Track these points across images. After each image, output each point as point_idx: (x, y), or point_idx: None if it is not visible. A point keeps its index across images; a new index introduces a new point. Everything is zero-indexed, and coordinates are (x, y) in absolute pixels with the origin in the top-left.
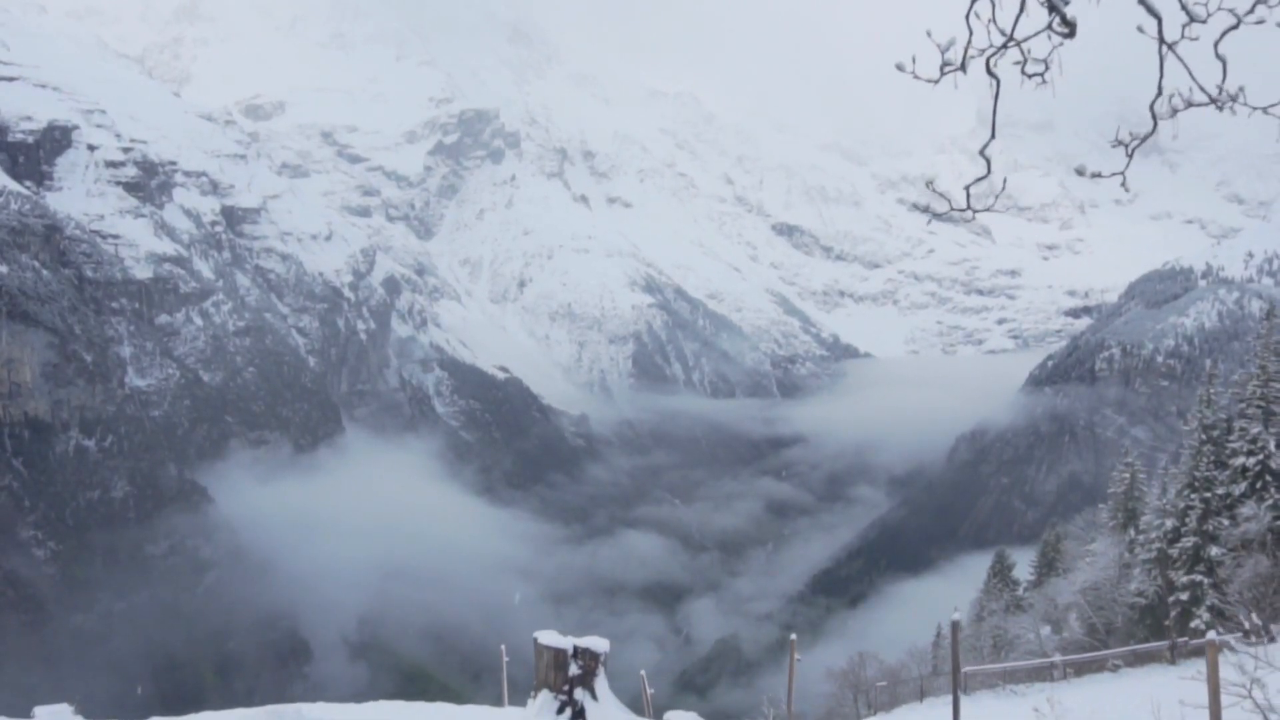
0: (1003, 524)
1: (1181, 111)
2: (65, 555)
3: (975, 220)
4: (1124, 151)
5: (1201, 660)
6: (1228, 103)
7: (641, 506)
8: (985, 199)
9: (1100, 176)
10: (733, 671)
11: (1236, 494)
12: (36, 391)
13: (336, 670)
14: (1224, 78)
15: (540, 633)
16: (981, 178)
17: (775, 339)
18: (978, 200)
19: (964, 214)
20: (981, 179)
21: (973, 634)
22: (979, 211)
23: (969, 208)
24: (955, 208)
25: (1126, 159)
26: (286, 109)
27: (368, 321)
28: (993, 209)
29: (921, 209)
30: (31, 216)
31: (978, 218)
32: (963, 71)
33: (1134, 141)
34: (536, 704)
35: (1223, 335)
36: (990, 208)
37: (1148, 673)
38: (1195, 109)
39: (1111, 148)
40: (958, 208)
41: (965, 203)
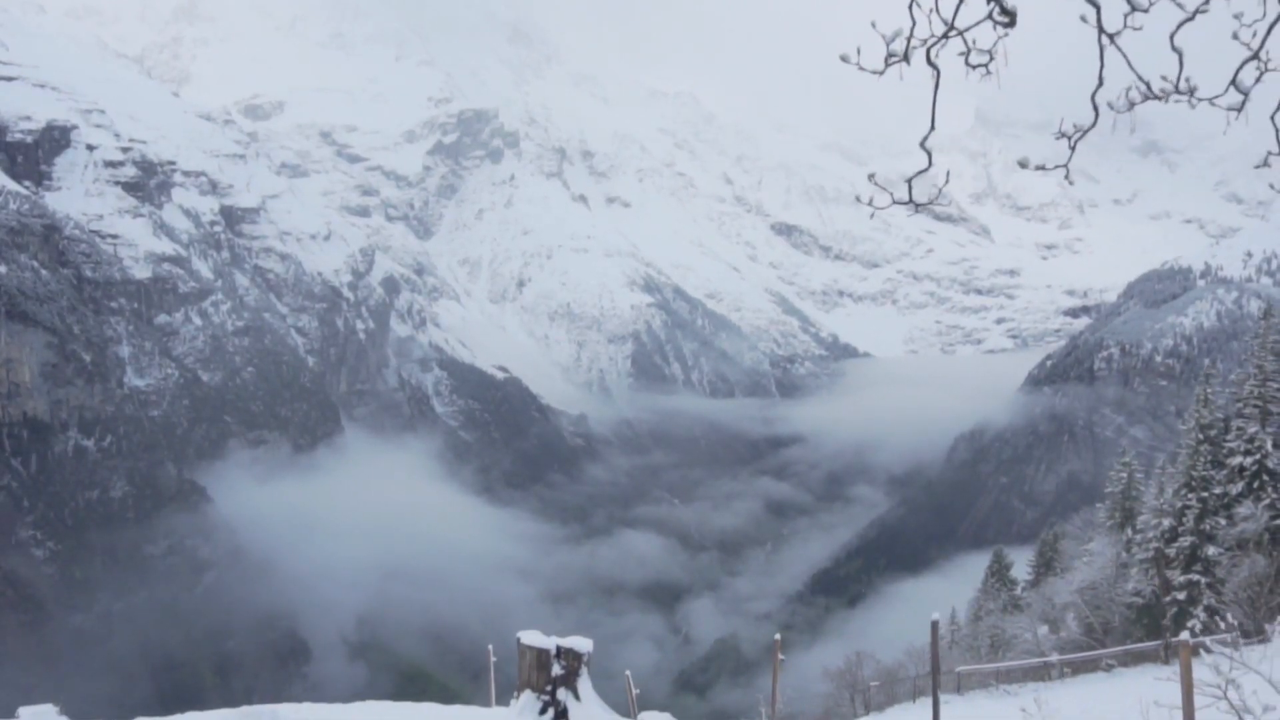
0: (1002, 523)
1: (1139, 104)
2: (64, 555)
3: (973, 221)
4: (1066, 144)
5: (1194, 660)
6: (1186, 96)
7: (640, 506)
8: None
9: (1044, 169)
10: (731, 671)
11: (1234, 493)
12: (35, 391)
13: (335, 670)
14: (1180, 70)
15: (523, 633)
16: (922, 170)
17: (774, 339)
18: (921, 194)
19: (906, 207)
20: (922, 171)
21: (970, 633)
22: (921, 206)
23: (911, 201)
24: (897, 200)
25: (1069, 151)
26: (285, 109)
27: (367, 321)
28: (935, 203)
29: (865, 203)
30: (30, 216)
31: (977, 217)
32: (906, 63)
33: (1076, 134)
34: (519, 704)
35: (1221, 335)
36: (933, 201)
37: (1140, 672)
38: (1198, 110)
39: (1056, 140)
40: (899, 200)
41: (908, 196)
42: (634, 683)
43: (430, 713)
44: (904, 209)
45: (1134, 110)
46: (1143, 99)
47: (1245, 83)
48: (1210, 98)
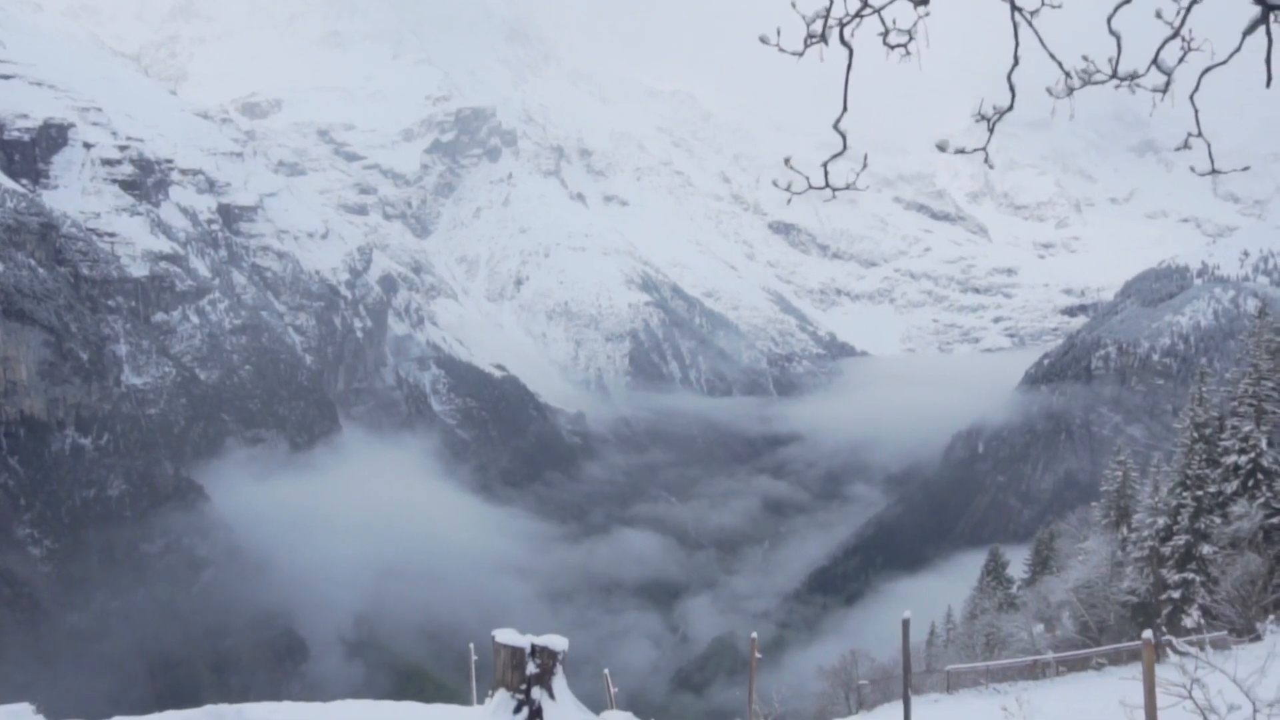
0: (999, 522)
1: (1079, 90)
2: (61, 553)
3: (970, 219)
4: (985, 126)
5: (1186, 658)
6: (1126, 80)
7: (638, 504)
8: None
9: (963, 152)
10: (729, 670)
11: (1228, 492)
12: (32, 390)
13: (333, 668)
14: (1118, 54)
15: (498, 631)
16: (838, 154)
17: (772, 337)
18: (838, 178)
19: (823, 191)
20: (838, 155)
21: (965, 632)
22: (839, 190)
23: (828, 185)
24: (814, 186)
25: (988, 134)
26: (283, 107)
27: (364, 320)
28: (854, 187)
29: (782, 188)
30: (27, 214)
31: (974, 216)
32: (824, 43)
33: (995, 116)
34: (493, 703)
35: (1218, 334)
36: (852, 185)
37: (1131, 671)
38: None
39: (975, 122)
40: (816, 186)
41: (824, 181)
42: (631, 681)
43: (408, 712)
44: (909, 211)
45: (1073, 95)
46: (1082, 84)
47: (1168, 63)
48: (1132, 78)
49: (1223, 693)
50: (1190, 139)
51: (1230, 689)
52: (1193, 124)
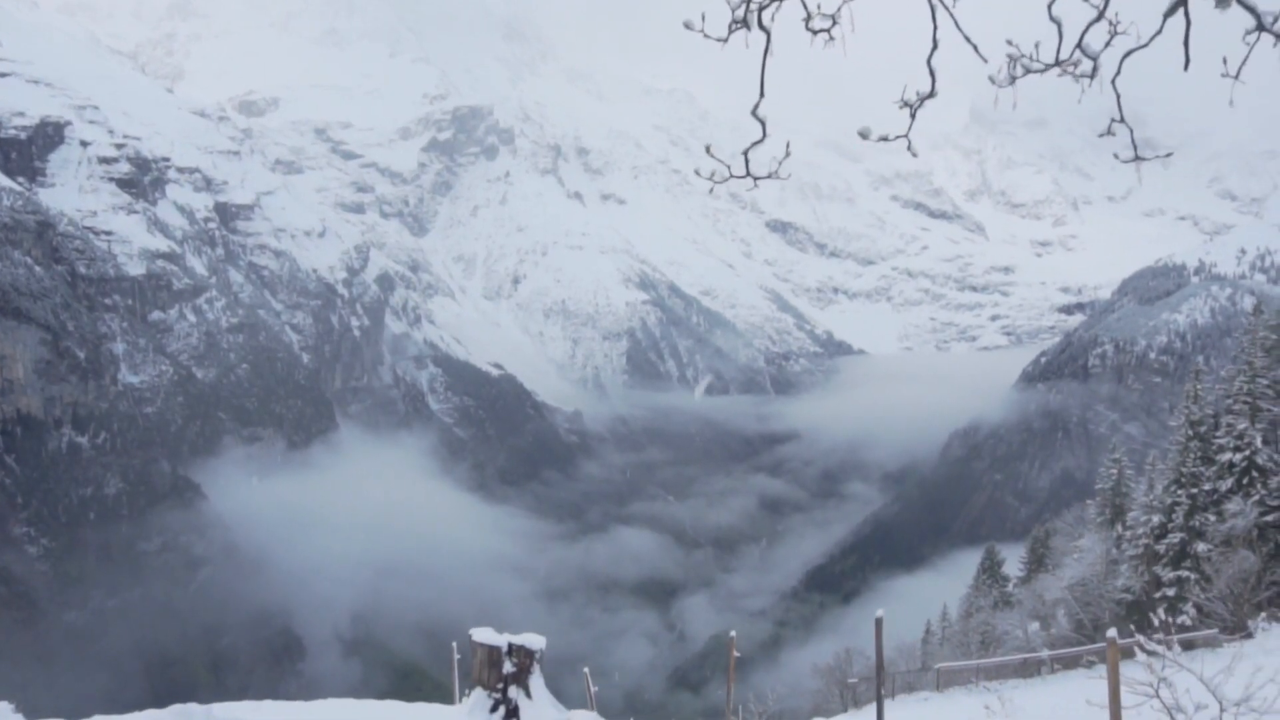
0: (996, 520)
1: (1020, 79)
2: (58, 552)
3: (967, 218)
4: (908, 113)
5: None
6: (1070, 70)
7: (635, 503)
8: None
9: (886, 139)
10: (726, 668)
11: (1223, 490)
12: (29, 388)
13: (330, 667)
14: (1059, 42)
15: (475, 630)
16: (757, 141)
17: (769, 336)
18: (759, 167)
19: (744, 180)
20: (758, 143)
21: (961, 630)
22: (759, 179)
23: (749, 174)
24: (735, 175)
25: (910, 120)
26: (280, 105)
27: (361, 318)
28: (775, 176)
29: (706, 177)
30: (24, 213)
31: (971, 214)
32: (747, 28)
33: (917, 101)
34: (469, 702)
35: (1215, 332)
36: (774, 174)
37: (1121, 669)
38: (1192, 108)
39: (899, 109)
40: (737, 175)
41: (745, 169)
42: (629, 680)
43: (387, 711)
44: (906, 209)
45: (1015, 84)
46: (1025, 72)
47: (1093, 47)
48: (1076, 67)
49: (1190, 691)
50: (1114, 124)
51: (1198, 688)
52: (1188, 118)
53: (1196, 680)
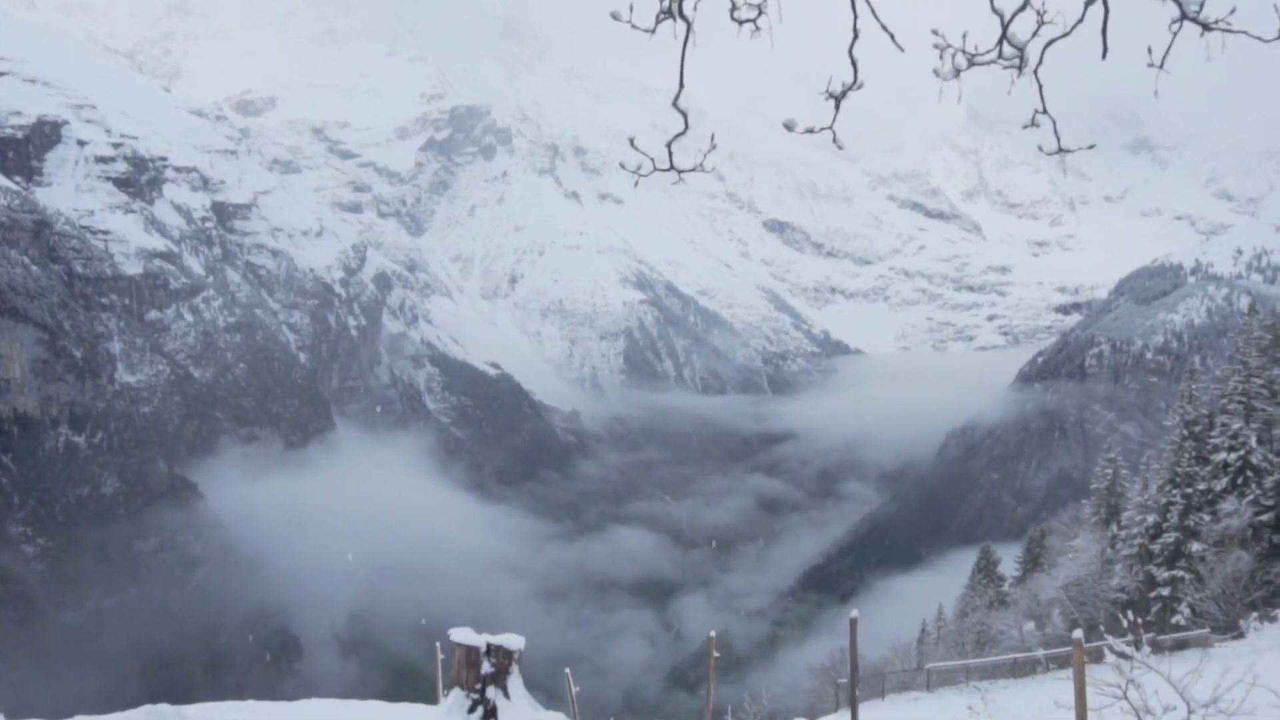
0: (993, 520)
1: (965, 71)
2: (55, 552)
3: (964, 218)
4: (833, 105)
5: (1167, 655)
6: (1014, 64)
7: (633, 503)
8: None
9: (811, 132)
10: (723, 668)
11: (1218, 489)
12: (26, 387)
13: (327, 667)
14: (1003, 33)
15: (454, 630)
16: (680, 133)
17: (766, 335)
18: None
19: (669, 173)
20: (680, 134)
21: (956, 630)
22: (684, 172)
23: (672, 168)
24: (659, 168)
25: (834, 112)
26: (277, 104)
27: (359, 318)
28: (701, 169)
29: (631, 170)
30: (21, 212)
31: (968, 214)
32: (673, 19)
33: (842, 91)
34: (447, 702)
35: (1212, 332)
36: (699, 167)
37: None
38: (1189, 108)
39: (825, 100)
40: (661, 168)
41: (669, 162)
42: (626, 679)
43: (369, 711)
44: (903, 209)
45: (960, 77)
46: (969, 64)
47: (1020, 37)
48: (1020, 59)
49: (1159, 693)
50: (1037, 116)
51: (1166, 689)
52: (1187, 117)
53: (1165, 681)
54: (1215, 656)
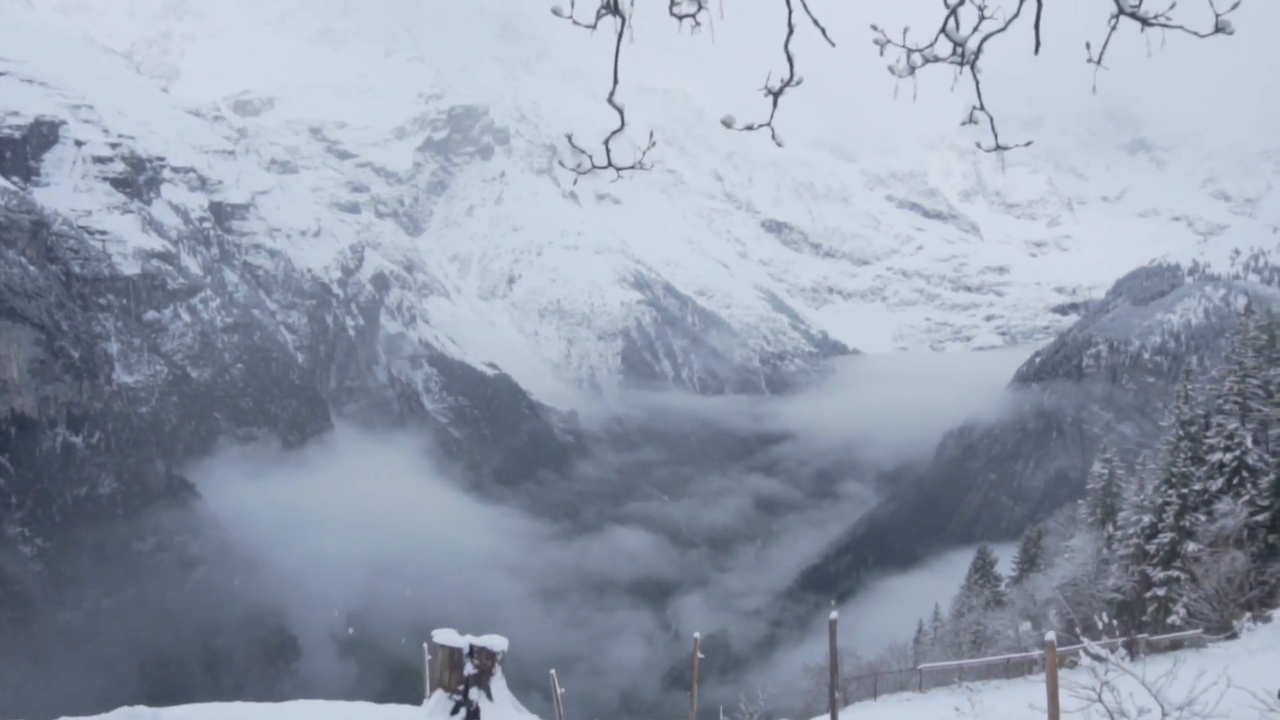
0: (990, 520)
1: (920, 68)
2: (52, 552)
3: (962, 218)
4: (771, 101)
5: (1163, 655)
6: (969, 60)
7: (630, 503)
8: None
9: (751, 129)
10: (721, 668)
11: (1213, 490)
12: (23, 388)
13: (325, 667)
14: (957, 27)
15: (437, 631)
16: (617, 130)
17: (764, 335)
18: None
19: (606, 171)
20: (617, 131)
21: (952, 630)
22: (622, 170)
23: (610, 165)
24: (597, 166)
25: (772, 108)
26: (275, 105)
27: (356, 318)
28: (641, 166)
29: (570, 169)
30: (18, 212)
31: (966, 214)
32: (614, 14)
33: (781, 87)
34: (430, 704)
35: (1209, 332)
36: (639, 164)
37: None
38: (1186, 108)
39: (764, 96)
40: (600, 165)
41: (606, 160)
42: (624, 679)
43: (362, 712)
44: (901, 210)
45: (915, 74)
46: (924, 61)
47: (959, 31)
48: (976, 56)
49: (1133, 696)
50: (975, 112)
51: (1141, 692)
52: (1185, 118)
53: (1140, 684)
54: (1207, 657)
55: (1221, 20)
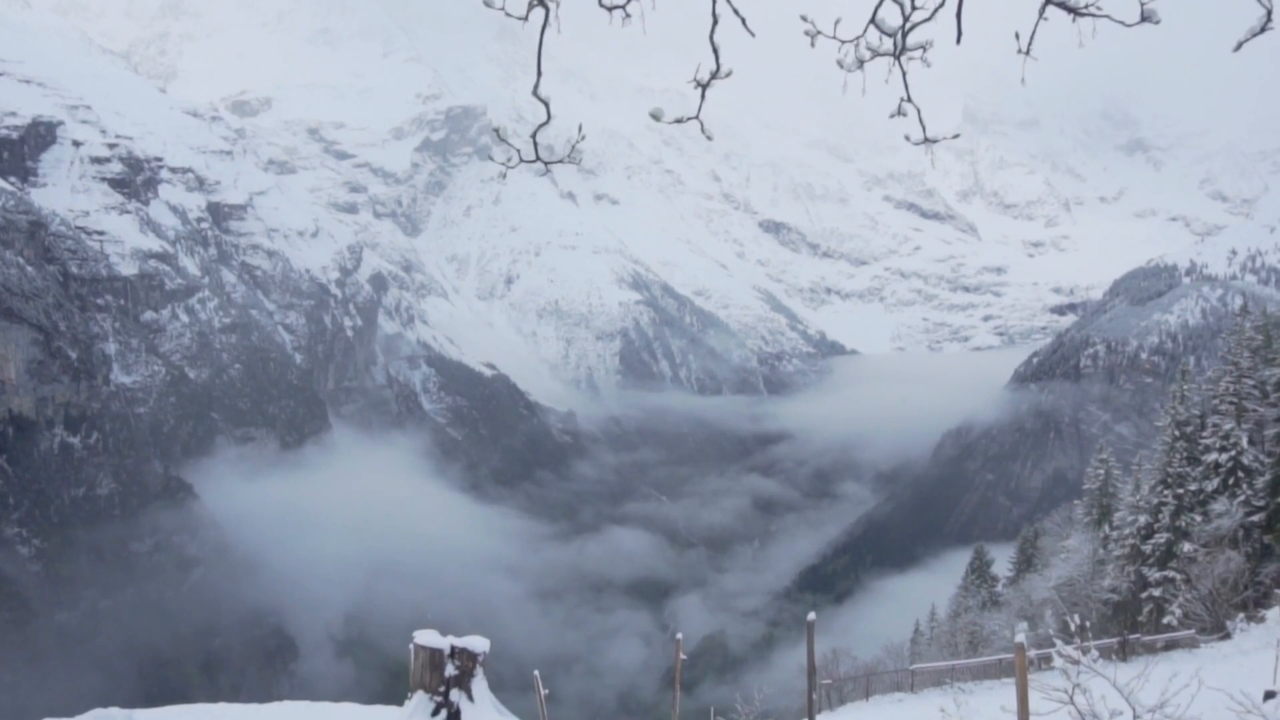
0: (988, 520)
1: (868, 62)
2: (50, 552)
3: (960, 218)
4: (700, 93)
5: (1153, 655)
6: (917, 54)
7: (628, 503)
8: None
9: (681, 121)
10: (719, 668)
11: (1209, 490)
12: (21, 388)
13: (323, 667)
14: (905, 23)
15: (419, 632)
16: (543, 123)
17: (762, 336)
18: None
19: (535, 164)
20: (544, 124)
21: (949, 630)
22: (550, 164)
23: (538, 159)
24: (525, 159)
25: (700, 100)
26: (273, 105)
27: (354, 318)
28: (570, 159)
29: (500, 163)
30: (16, 213)
31: (964, 215)
32: (543, 7)
33: (708, 79)
34: (411, 705)
35: (1206, 332)
36: (569, 157)
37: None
38: (1184, 109)
39: (694, 89)
40: (527, 159)
41: (534, 153)
42: (622, 680)
43: (348, 713)
44: (899, 210)
45: (864, 68)
46: (871, 55)
47: (889, 23)
48: (922, 49)
49: (1106, 698)
50: (902, 105)
51: (1114, 694)
52: (1182, 119)
53: (1112, 686)
54: (1200, 658)
55: (1148, 9)
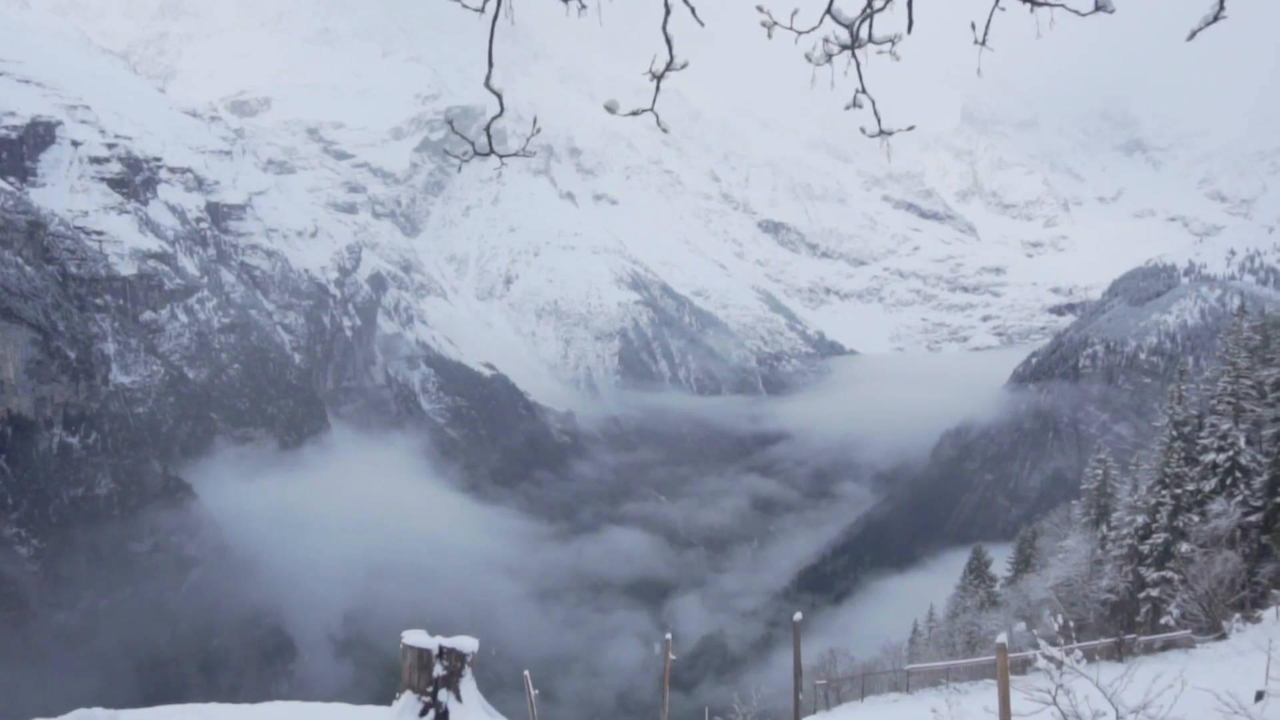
0: (986, 520)
1: (836, 55)
2: (48, 553)
3: (959, 218)
4: (654, 85)
5: (1151, 656)
6: (886, 47)
7: (627, 503)
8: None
9: (635, 114)
10: (718, 668)
11: (1207, 490)
12: (20, 388)
13: (322, 667)
14: (871, 21)
15: (407, 632)
16: (496, 115)
17: (761, 336)
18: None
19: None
20: (497, 117)
21: (947, 630)
22: (506, 156)
23: (492, 151)
24: (479, 152)
25: (655, 91)
26: (272, 105)
27: (353, 318)
28: (524, 153)
29: (455, 155)
30: (15, 213)
31: (963, 215)
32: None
33: (663, 70)
34: (399, 705)
35: (1205, 332)
36: (523, 151)
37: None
38: (1183, 109)
39: (649, 80)
40: (482, 152)
41: (488, 146)
42: (621, 680)
43: (339, 713)
44: (898, 210)
45: (832, 61)
46: (840, 50)
47: (846, 14)
48: (891, 42)
49: (1089, 699)
50: (857, 96)
51: (1097, 695)
52: (1180, 119)
53: (1095, 687)
54: (1195, 658)
55: (1101, 0)
